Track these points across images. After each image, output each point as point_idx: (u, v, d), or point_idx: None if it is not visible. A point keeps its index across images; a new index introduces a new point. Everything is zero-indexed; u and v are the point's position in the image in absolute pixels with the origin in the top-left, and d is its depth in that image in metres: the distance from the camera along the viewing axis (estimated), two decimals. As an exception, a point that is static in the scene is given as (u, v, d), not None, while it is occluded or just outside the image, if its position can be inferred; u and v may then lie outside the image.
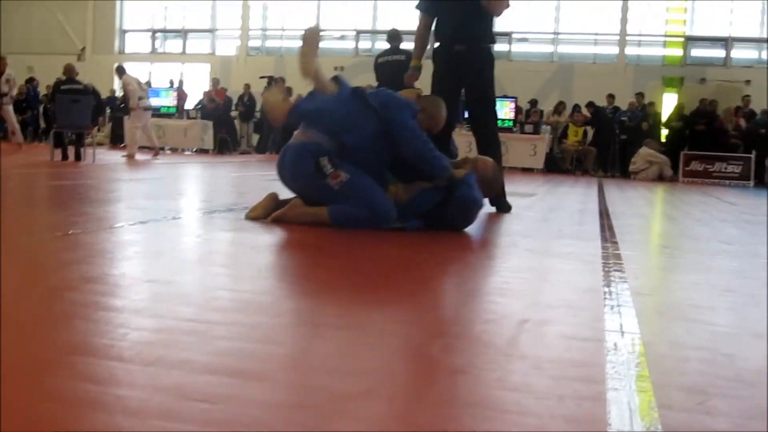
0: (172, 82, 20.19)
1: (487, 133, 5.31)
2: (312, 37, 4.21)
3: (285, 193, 4.12)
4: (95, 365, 1.44)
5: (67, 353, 1.51)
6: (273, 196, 4.19)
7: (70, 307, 1.91)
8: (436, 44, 5.44)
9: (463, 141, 13.75)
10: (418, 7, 5.46)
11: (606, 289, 2.52)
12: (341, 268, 2.80)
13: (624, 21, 21.04)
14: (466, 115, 5.54)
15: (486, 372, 1.56)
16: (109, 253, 2.88)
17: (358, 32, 23.56)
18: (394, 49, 8.39)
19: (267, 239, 3.51)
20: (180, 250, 3.05)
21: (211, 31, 25.10)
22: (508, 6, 5.22)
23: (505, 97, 15.66)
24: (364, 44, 23.70)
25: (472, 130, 5.31)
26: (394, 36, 8.50)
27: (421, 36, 5.47)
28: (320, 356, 1.61)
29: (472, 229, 4.07)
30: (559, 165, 16.42)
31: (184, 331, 1.71)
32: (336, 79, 4.21)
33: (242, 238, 3.46)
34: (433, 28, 5.43)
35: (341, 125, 3.87)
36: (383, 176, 3.98)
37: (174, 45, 25.77)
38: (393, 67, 7.52)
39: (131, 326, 1.75)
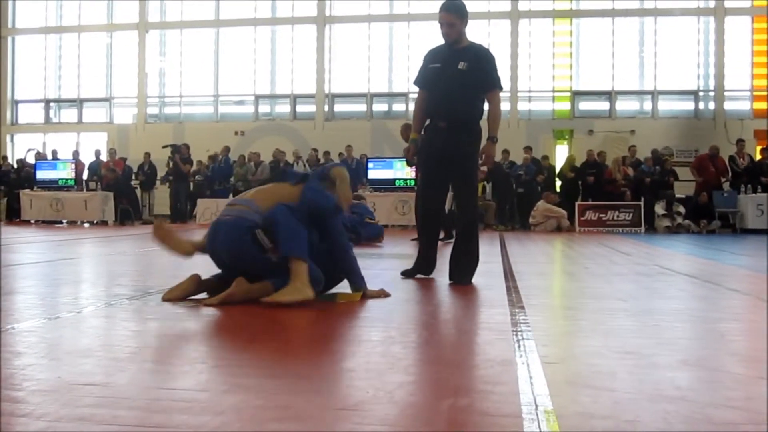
0: (74, 154, 20.28)
1: (466, 213, 5.37)
2: (161, 231, 4.32)
3: (202, 272, 4.24)
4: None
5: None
6: (195, 279, 4.24)
7: (6, 421, 1.96)
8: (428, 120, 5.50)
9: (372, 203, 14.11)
10: (415, 82, 5.57)
11: (519, 360, 2.75)
12: (275, 351, 2.93)
13: (514, 78, 22.03)
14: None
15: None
16: (31, 353, 2.90)
17: (257, 97, 23.79)
18: None
19: (192, 325, 3.59)
20: (108, 346, 3.11)
21: (107, 99, 24.85)
22: None
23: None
24: (264, 108, 23.94)
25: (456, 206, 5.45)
26: None
27: (419, 110, 5.52)
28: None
29: (388, 300, 4.27)
30: (461, 220, 16.86)
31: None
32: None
33: (168, 327, 3.52)
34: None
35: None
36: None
37: (69, 114, 25.36)
38: None
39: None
